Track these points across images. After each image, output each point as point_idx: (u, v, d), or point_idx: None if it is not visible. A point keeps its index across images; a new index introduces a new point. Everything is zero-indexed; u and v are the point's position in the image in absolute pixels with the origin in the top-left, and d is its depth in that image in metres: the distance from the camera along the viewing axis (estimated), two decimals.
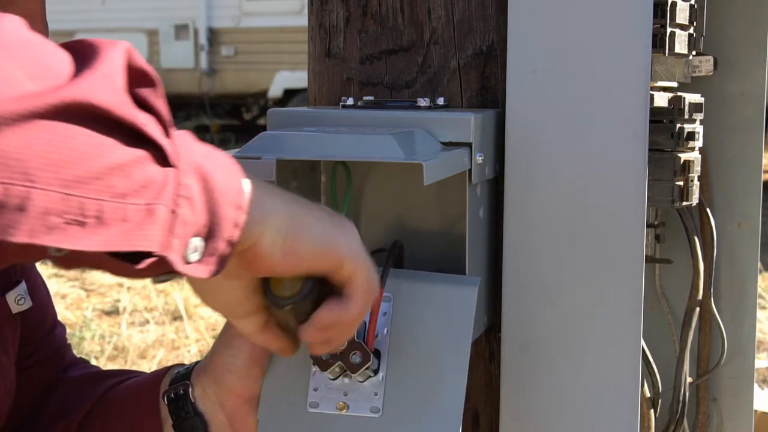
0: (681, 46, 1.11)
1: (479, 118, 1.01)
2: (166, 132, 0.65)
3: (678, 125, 1.12)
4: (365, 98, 1.11)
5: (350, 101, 1.10)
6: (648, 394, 1.22)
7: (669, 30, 1.08)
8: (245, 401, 1.01)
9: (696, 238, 1.25)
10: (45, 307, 1.16)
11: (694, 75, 1.17)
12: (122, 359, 4.65)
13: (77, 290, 5.85)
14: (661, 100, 1.13)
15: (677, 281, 1.32)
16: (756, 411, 1.42)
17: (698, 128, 1.16)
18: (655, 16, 1.05)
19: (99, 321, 5.25)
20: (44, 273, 5.76)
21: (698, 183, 1.17)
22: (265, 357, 1.00)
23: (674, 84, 1.18)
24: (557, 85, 1.03)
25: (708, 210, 1.30)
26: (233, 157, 0.72)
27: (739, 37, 1.30)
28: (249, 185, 0.71)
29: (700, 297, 1.26)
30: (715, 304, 1.32)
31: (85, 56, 0.62)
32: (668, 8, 1.07)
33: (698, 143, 1.16)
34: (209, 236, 0.67)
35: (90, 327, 5.01)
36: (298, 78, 11.15)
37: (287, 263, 0.76)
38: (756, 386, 1.41)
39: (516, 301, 1.07)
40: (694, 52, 1.16)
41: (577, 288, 1.05)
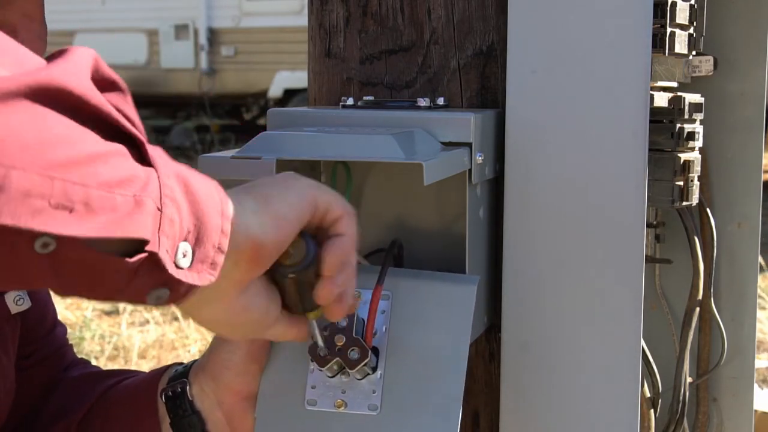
0: (681, 46, 1.11)
1: (479, 118, 1.01)
2: (142, 136, 0.63)
3: (678, 125, 1.12)
4: (365, 98, 1.11)
5: (350, 101, 1.10)
6: (648, 394, 1.22)
7: (669, 30, 1.08)
8: (243, 399, 1.01)
9: (696, 238, 1.25)
10: (45, 308, 1.16)
11: (694, 75, 1.17)
12: (122, 359, 4.65)
13: None
14: (661, 100, 1.13)
15: (677, 281, 1.32)
16: (756, 411, 1.42)
17: (698, 128, 1.16)
18: (655, 16, 1.05)
19: (99, 321, 5.25)
20: None
21: (698, 183, 1.17)
22: (263, 354, 1.00)
23: (674, 84, 1.18)
24: (557, 85, 1.03)
25: (708, 210, 1.30)
26: (233, 158, 0.72)
27: (739, 37, 1.30)
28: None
29: (700, 297, 1.26)
30: (715, 304, 1.32)
31: (54, 56, 0.61)
32: (668, 8, 1.07)
33: (698, 143, 1.16)
34: (197, 242, 0.65)
35: (90, 327, 5.01)
36: (298, 78, 11.14)
37: (282, 230, 0.75)
38: (756, 386, 1.41)
39: (516, 301, 1.07)
40: (694, 52, 1.16)
41: (577, 288, 1.05)
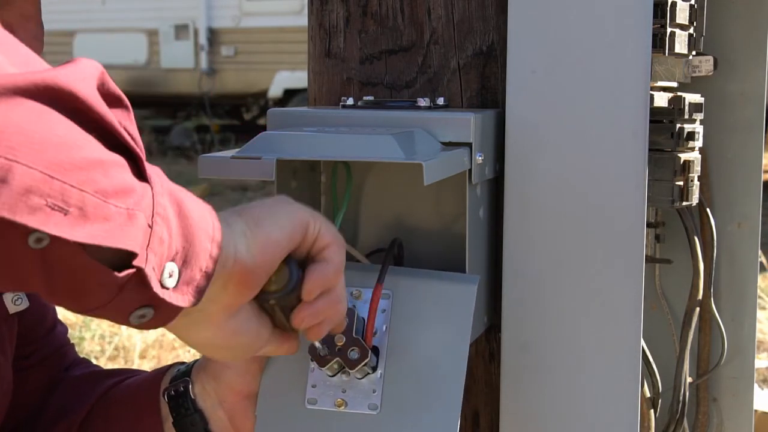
0: (681, 46, 1.11)
1: (479, 118, 1.01)
2: (141, 152, 0.63)
3: (678, 125, 1.12)
4: (365, 98, 1.11)
5: (350, 101, 1.10)
6: (648, 394, 1.22)
7: (669, 30, 1.08)
8: (244, 398, 1.01)
9: (696, 238, 1.25)
10: (44, 308, 1.16)
11: (694, 75, 1.17)
12: (122, 359, 4.65)
13: None
14: (661, 100, 1.13)
15: (677, 281, 1.32)
16: (756, 411, 1.42)
17: (698, 128, 1.16)
18: (655, 16, 1.05)
19: (99, 321, 5.24)
20: None
21: (698, 183, 1.17)
22: None
23: (674, 84, 1.18)
24: (557, 85, 1.03)
25: (708, 210, 1.30)
26: (233, 158, 0.72)
27: (739, 37, 1.30)
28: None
29: (700, 297, 1.26)
30: (715, 304, 1.32)
31: (62, 63, 0.62)
32: (668, 8, 1.07)
33: (698, 143, 1.16)
34: (185, 264, 0.65)
35: (90, 327, 5.01)
36: (298, 78, 11.14)
37: (268, 255, 0.75)
38: (756, 386, 1.41)
39: (516, 301, 1.07)
40: (694, 52, 1.16)
41: (577, 288, 1.05)
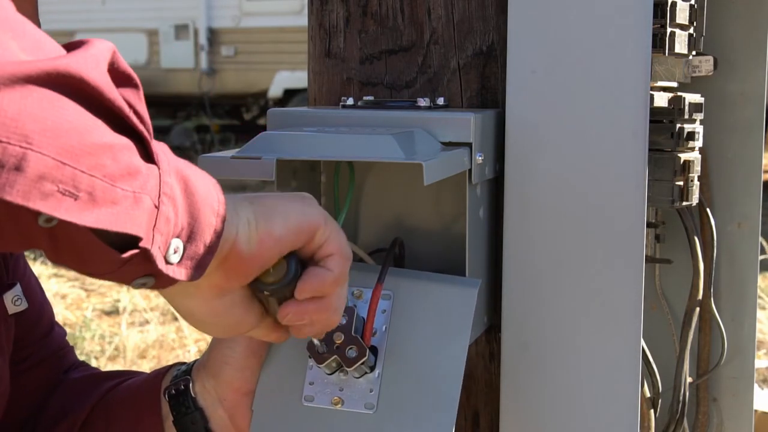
0: (681, 46, 1.11)
1: (479, 118, 1.01)
2: (148, 133, 0.65)
3: (678, 125, 1.12)
4: (365, 98, 1.11)
5: (350, 101, 1.10)
6: (648, 394, 1.22)
7: (669, 30, 1.08)
8: (244, 395, 1.01)
9: (696, 238, 1.25)
10: (40, 310, 1.16)
11: (694, 75, 1.17)
12: (122, 359, 4.65)
13: (77, 290, 5.84)
14: (661, 100, 1.13)
15: (677, 281, 1.32)
16: (756, 411, 1.42)
17: (698, 128, 1.16)
18: (655, 16, 1.05)
19: (99, 321, 5.25)
20: (44, 273, 5.74)
21: (698, 183, 1.17)
22: (263, 349, 1.00)
23: (674, 84, 1.18)
24: (557, 85, 1.03)
25: (708, 210, 1.30)
26: (233, 158, 0.72)
27: (739, 37, 1.30)
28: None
29: (700, 297, 1.26)
30: (715, 304, 1.32)
31: (73, 46, 0.63)
32: (668, 8, 1.07)
33: (698, 143, 1.16)
34: (189, 239, 0.67)
35: (90, 327, 5.01)
36: (298, 78, 11.15)
37: (266, 250, 0.76)
38: (756, 386, 1.41)
39: (516, 301, 1.07)
40: (694, 52, 1.16)
41: (577, 288, 1.05)
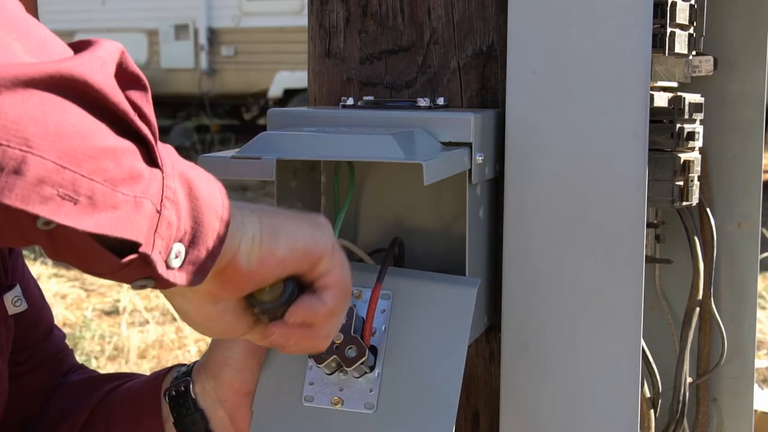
0: (681, 46, 1.11)
1: (479, 118, 1.01)
2: (154, 136, 0.64)
3: (678, 125, 1.12)
4: (365, 98, 1.11)
5: (350, 101, 1.10)
6: (648, 394, 1.22)
7: (669, 30, 1.08)
8: (244, 395, 1.01)
9: (696, 238, 1.25)
10: (40, 312, 1.16)
11: (694, 75, 1.17)
12: (122, 359, 4.65)
13: (77, 290, 5.84)
14: (661, 100, 1.13)
15: (677, 281, 1.32)
16: (756, 411, 1.42)
17: (698, 128, 1.16)
18: (655, 16, 1.05)
19: (99, 321, 5.25)
20: (44, 273, 5.74)
21: (698, 183, 1.17)
22: (262, 349, 1.00)
23: (674, 84, 1.18)
24: (557, 85, 1.03)
25: (708, 210, 1.30)
26: (233, 158, 0.72)
27: (739, 37, 1.30)
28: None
29: (700, 297, 1.26)
30: (715, 304, 1.32)
31: (81, 47, 0.62)
32: (668, 8, 1.07)
33: (698, 143, 1.16)
34: (191, 244, 0.66)
35: (90, 327, 5.01)
36: (298, 78, 11.14)
37: (266, 270, 0.75)
38: (756, 386, 1.41)
39: (516, 301, 1.07)
40: (694, 52, 1.16)
41: (577, 288, 1.05)
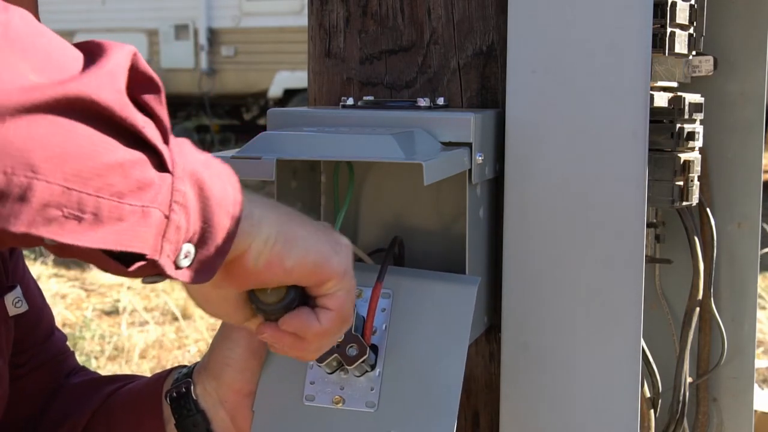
0: (681, 46, 1.11)
1: (479, 118, 1.01)
2: (165, 138, 0.65)
3: (678, 125, 1.12)
4: (365, 98, 1.11)
5: (350, 101, 1.10)
6: (648, 394, 1.22)
7: (669, 30, 1.08)
8: (245, 396, 1.01)
9: (696, 238, 1.25)
10: (40, 313, 1.16)
11: (694, 75, 1.17)
12: (122, 359, 4.65)
13: (77, 290, 5.84)
14: (661, 100, 1.13)
15: (677, 281, 1.32)
16: (756, 411, 1.42)
17: (698, 128, 1.16)
18: (655, 16, 1.05)
19: (99, 321, 5.25)
20: (44, 273, 5.75)
21: (698, 183, 1.17)
22: (263, 349, 1.00)
23: (674, 84, 1.18)
24: (557, 85, 1.03)
25: (708, 210, 1.30)
26: (233, 158, 0.72)
27: (739, 37, 1.30)
28: (243, 196, 0.71)
29: (700, 297, 1.26)
30: (715, 304, 1.32)
31: (92, 55, 0.63)
32: (668, 8, 1.07)
33: (698, 143, 1.16)
34: (201, 243, 0.67)
35: (90, 327, 5.01)
36: (298, 78, 11.14)
37: (271, 274, 0.75)
38: (756, 386, 1.41)
39: (516, 301, 1.07)
40: (694, 52, 1.16)
41: (577, 288, 1.05)
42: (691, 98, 1.14)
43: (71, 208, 0.57)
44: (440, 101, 1.08)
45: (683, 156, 1.13)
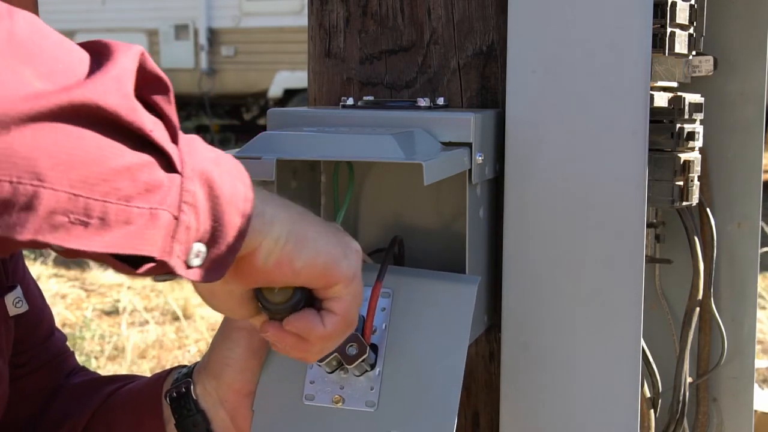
0: (681, 46, 1.11)
1: (479, 118, 1.01)
2: (174, 138, 0.65)
3: (678, 125, 1.12)
4: (365, 98, 1.11)
5: (350, 101, 1.10)
6: (648, 394, 1.22)
7: (669, 30, 1.08)
8: (244, 396, 1.01)
9: (696, 238, 1.25)
10: (40, 313, 1.16)
11: (694, 75, 1.17)
12: (122, 359, 4.65)
13: (77, 290, 5.85)
14: (661, 100, 1.13)
15: (677, 281, 1.32)
16: (756, 411, 1.42)
17: (698, 128, 1.16)
18: (655, 16, 1.05)
19: (99, 321, 5.25)
20: (44, 273, 5.75)
21: (698, 183, 1.17)
22: (263, 349, 1.00)
23: (674, 84, 1.18)
24: (557, 85, 1.03)
25: (708, 210, 1.30)
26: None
27: (739, 37, 1.30)
28: (254, 193, 0.71)
29: (700, 297, 1.26)
30: (715, 304, 1.32)
31: (99, 57, 0.62)
32: (668, 8, 1.07)
33: (698, 143, 1.16)
34: (212, 242, 0.67)
35: (90, 327, 5.01)
36: (298, 78, 11.14)
37: (279, 274, 0.75)
38: (756, 386, 1.41)
39: (516, 301, 1.07)
40: (694, 52, 1.16)
41: (577, 288, 1.05)
42: (691, 98, 1.14)
43: (78, 214, 0.57)
44: (440, 101, 1.08)
45: (683, 156, 1.13)
